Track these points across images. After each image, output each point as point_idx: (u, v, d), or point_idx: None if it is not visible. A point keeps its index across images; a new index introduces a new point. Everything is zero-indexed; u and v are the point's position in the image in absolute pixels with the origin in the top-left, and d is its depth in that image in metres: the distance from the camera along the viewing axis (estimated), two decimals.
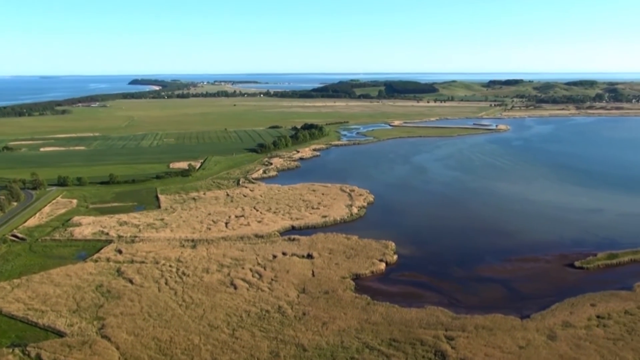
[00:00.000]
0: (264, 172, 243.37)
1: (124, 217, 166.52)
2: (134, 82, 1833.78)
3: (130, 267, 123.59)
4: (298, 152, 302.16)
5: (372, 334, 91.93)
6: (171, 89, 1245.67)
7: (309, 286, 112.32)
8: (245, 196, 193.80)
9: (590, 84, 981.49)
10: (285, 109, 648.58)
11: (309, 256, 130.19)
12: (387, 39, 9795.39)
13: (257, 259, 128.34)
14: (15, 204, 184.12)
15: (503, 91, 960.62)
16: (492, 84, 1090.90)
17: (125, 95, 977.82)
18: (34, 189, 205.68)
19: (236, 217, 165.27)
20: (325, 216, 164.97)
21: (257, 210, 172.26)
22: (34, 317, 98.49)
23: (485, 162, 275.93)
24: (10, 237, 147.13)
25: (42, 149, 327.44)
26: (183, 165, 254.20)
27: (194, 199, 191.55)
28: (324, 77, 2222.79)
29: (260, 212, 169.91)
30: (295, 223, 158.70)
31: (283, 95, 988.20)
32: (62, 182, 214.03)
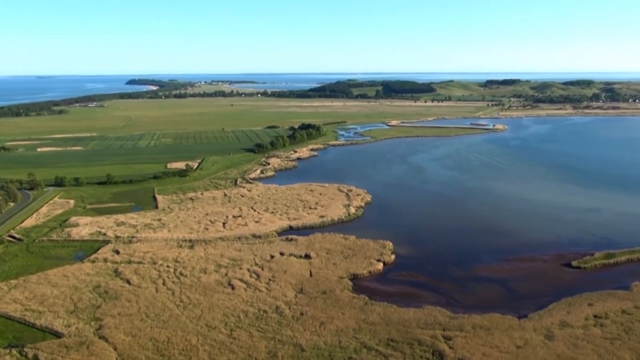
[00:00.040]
0: (262, 172, 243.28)
1: (121, 218, 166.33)
2: (131, 82, 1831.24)
3: (128, 268, 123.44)
4: (295, 152, 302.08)
5: (369, 334, 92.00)
6: (168, 89, 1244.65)
7: (306, 286, 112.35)
8: (242, 196, 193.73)
9: (587, 83, 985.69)
10: (283, 109, 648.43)
11: (307, 256, 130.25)
12: (386, 39, 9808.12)
13: (254, 259, 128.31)
14: (12, 204, 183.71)
15: (500, 91, 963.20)
16: (489, 83, 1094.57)
17: (122, 95, 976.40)
18: (31, 189, 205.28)
19: (234, 217, 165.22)
20: (322, 216, 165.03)
21: (254, 211, 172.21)
22: (32, 318, 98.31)
23: (482, 162, 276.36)
24: (7, 238, 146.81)
25: (39, 149, 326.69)
26: (180, 165, 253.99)
27: (191, 199, 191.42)
28: (321, 77, 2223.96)
29: (258, 212, 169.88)
30: (293, 223, 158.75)
31: (280, 95, 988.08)
32: (59, 183, 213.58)
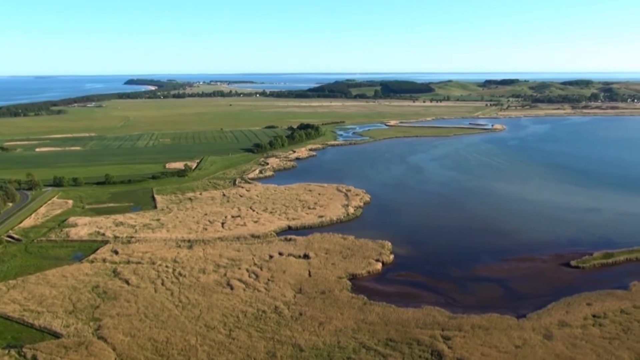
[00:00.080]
0: (260, 172, 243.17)
1: (120, 218, 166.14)
2: (130, 82, 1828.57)
3: (127, 268, 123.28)
4: (294, 152, 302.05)
5: (368, 334, 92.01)
6: (167, 89, 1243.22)
7: (305, 286, 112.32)
8: (241, 196, 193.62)
9: (586, 83, 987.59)
10: (282, 109, 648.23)
11: (306, 256, 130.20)
12: (386, 39, 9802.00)
13: (253, 259, 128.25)
14: (10, 204, 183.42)
15: (499, 91, 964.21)
16: (488, 83, 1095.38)
17: (121, 95, 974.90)
18: (30, 189, 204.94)
19: (232, 217, 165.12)
20: (321, 216, 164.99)
21: (253, 211, 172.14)
22: (30, 318, 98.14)
23: (481, 162, 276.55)
24: (6, 238, 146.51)
25: (37, 149, 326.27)
26: (179, 165, 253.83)
27: (190, 199, 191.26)
28: (320, 77, 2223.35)
29: (257, 212, 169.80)
30: (292, 223, 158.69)
31: (279, 95, 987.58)
32: (57, 183, 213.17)
